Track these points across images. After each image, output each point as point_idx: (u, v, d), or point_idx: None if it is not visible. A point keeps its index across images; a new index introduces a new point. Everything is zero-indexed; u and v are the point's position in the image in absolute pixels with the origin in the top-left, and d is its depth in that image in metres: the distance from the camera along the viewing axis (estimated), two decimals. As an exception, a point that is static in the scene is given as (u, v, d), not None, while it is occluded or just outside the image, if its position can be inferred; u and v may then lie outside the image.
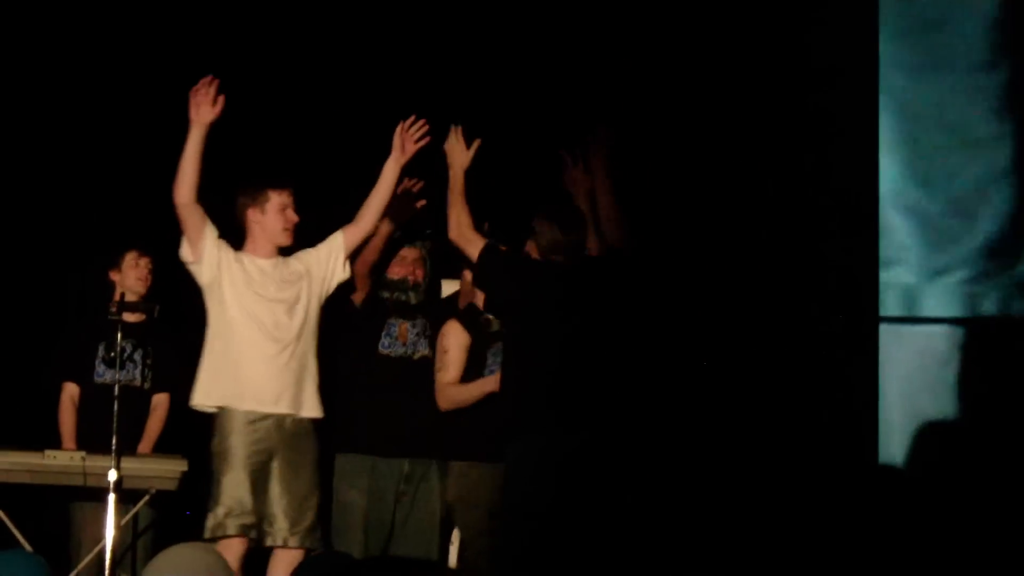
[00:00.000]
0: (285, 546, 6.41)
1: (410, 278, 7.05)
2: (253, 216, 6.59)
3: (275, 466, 6.42)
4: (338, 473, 6.95)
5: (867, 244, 8.07)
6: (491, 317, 6.82)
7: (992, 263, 7.88)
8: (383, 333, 7.01)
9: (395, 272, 7.05)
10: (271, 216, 6.57)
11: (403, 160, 6.68)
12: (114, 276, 7.37)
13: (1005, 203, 7.87)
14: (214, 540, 6.29)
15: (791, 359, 7.95)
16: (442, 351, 6.84)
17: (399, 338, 7.01)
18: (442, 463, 6.94)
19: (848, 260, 8.07)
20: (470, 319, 6.86)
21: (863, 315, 8.04)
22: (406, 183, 6.97)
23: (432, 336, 7.03)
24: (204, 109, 6.47)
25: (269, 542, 6.44)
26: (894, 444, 7.89)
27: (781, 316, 7.95)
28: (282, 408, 6.45)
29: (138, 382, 7.27)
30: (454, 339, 6.80)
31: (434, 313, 7.10)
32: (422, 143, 6.70)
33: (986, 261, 7.88)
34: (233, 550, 6.22)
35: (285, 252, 6.66)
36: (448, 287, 7.36)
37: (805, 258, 8.06)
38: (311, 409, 6.54)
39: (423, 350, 7.03)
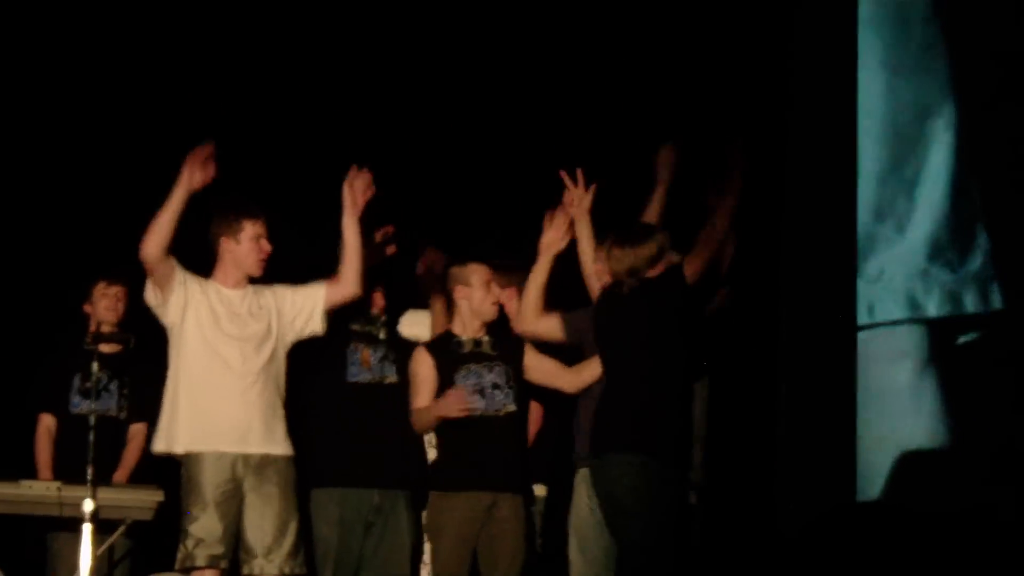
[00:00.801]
0: (263, 574, 6.41)
1: (374, 309, 7.05)
2: (226, 245, 6.58)
3: (247, 496, 6.43)
4: (313, 508, 6.92)
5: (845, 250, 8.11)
6: (463, 340, 6.82)
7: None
8: (348, 362, 6.97)
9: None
10: (245, 246, 6.57)
11: (357, 214, 6.65)
12: (87, 309, 7.39)
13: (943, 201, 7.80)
14: (185, 572, 6.31)
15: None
16: (412, 377, 6.83)
17: (363, 364, 7.00)
18: (410, 493, 6.95)
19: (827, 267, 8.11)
20: (439, 345, 6.85)
21: (841, 322, 8.04)
22: (378, 234, 7.00)
23: (397, 360, 7.05)
24: (197, 175, 6.43)
25: (246, 571, 6.46)
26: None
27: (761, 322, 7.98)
28: (251, 448, 6.45)
29: (114, 412, 7.28)
30: (422, 365, 6.80)
31: (394, 338, 7.11)
32: (370, 194, 6.68)
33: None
34: None
35: (255, 280, 6.67)
36: (413, 317, 7.35)
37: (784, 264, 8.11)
38: (280, 446, 6.53)
39: (391, 376, 7.01)
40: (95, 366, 6.59)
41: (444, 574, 6.62)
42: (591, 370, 6.69)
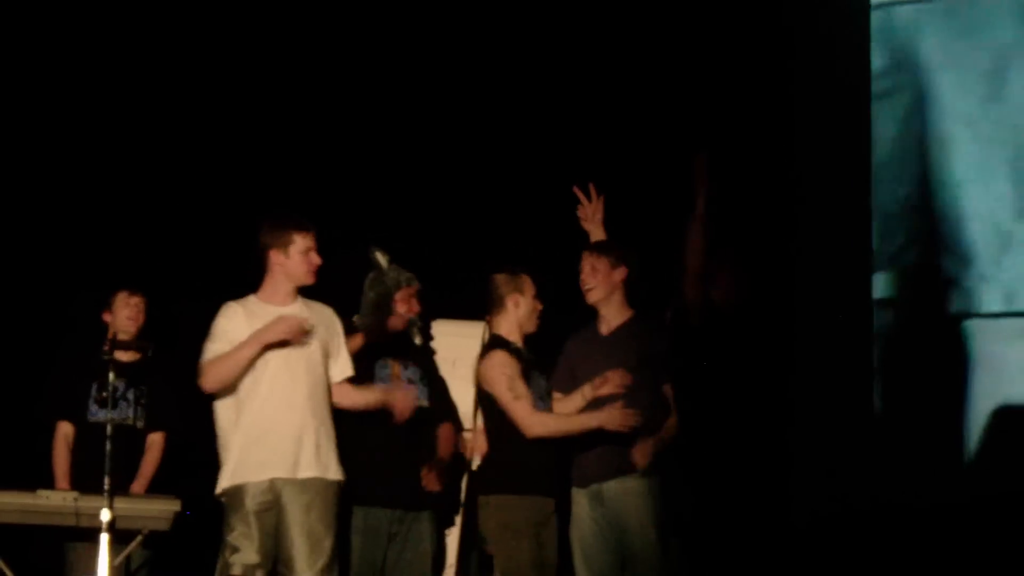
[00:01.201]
0: None
1: (410, 313, 6.99)
2: (276, 258, 6.54)
3: (287, 508, 6.37)
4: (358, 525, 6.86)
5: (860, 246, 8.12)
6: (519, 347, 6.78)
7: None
8: (376, 378, 6.90)
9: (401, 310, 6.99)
10: (295, 259, 6.53)
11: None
12: (107, 317, 7.37)
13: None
14: None
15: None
16: (510, 381, 6.69)
17: (394, 380, 6.94)
18: (432, 511, 6.92)
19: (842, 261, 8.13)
20: (507, 347, 6.79)
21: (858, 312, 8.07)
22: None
23: (429, 381, 6.99)
24: (284, 337, 6.38)
25: None
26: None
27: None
28: (304, 473, 6.39)
29: (131, 421, 7.25)
30: (509, 367, 6.70)
31: (427, 346, 7.06)
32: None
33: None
34: None
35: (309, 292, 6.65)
36: (440, 327, 7.31)
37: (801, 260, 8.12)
38: (333, 472, 6.48)
39: (423, 399, 6.95)
40: (112, 375, 6.56)
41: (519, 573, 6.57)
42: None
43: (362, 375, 6.82)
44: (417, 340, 7.03)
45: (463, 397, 7.11)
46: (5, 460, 7.48)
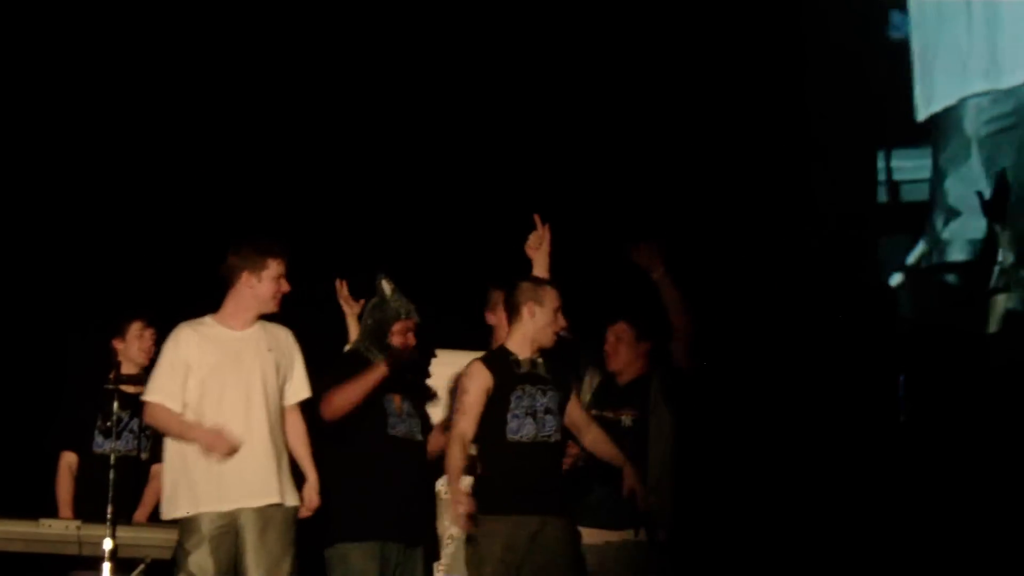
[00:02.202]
0: None
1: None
2: (248, 281, 6.49)
3: (244, 532, 6.35)
4: (338, 562, 6.78)
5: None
6: (520, 359, 6.66)
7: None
8: (387, 412, 6.84)
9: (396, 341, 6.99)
10: (266, 284, 6.49)
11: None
12: (118, 344, 7.36)
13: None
14: None
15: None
16: (461, 391, 6.56)
17: (398, 413, 6.92)
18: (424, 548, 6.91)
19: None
20: (496, 360, 6.62)
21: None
22: (410, 340, 6.94)
23: (422, 416, 7.00)
24: (206, 448, 6.34)
25: None
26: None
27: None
28: (263, 500, 6.38)
29: (135, 452, 7.26)
30: (476, 381, 6.52)
31: (420, 391, 7.09)
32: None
33: None
34: None
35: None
36: (444, 357, 7.31)
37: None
38: (291, 497, 6.46)
39: (417, 434, 6.93)
40: (116, 405, 6.59)
41: None
42: (605, 447, 6.69)
43: (373, 412, 6.83)
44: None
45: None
46: (8, 489, 7.51)
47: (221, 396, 6.37)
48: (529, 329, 6.56)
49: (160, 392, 6.37)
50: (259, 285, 6.49)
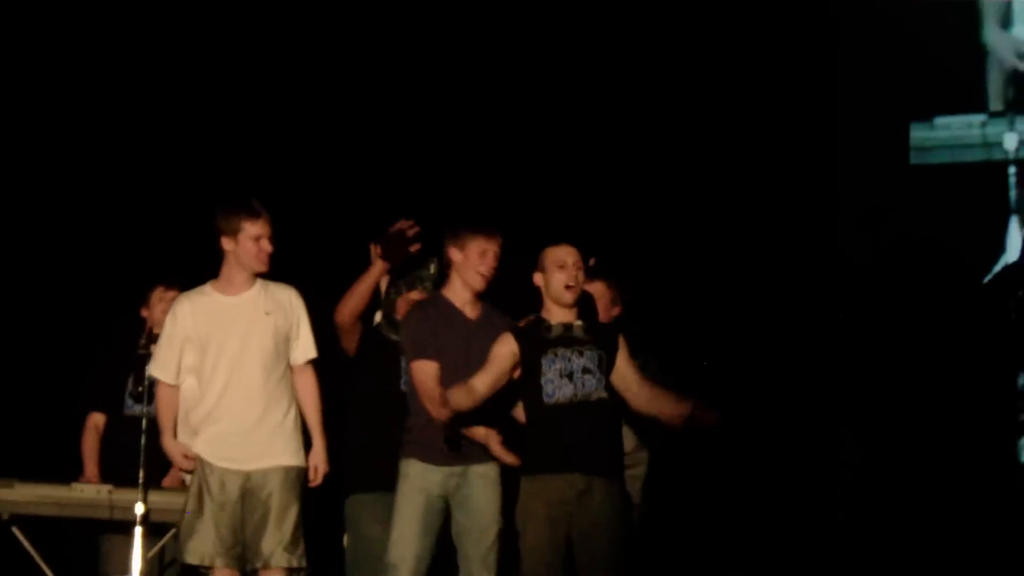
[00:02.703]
0: (266, 567, 6.45)
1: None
2: (227, 245, 6.54)
3: (248, 494, 6.45)
4: (356, 510, 6.92)
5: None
6: (552, 324, 6.65)
7: None
8: (402, 371, 6.85)
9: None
10: (244, 246, 6.51)
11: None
12: (144, 313, 7.38)
13: None
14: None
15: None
16: (490, 355, 6.52)
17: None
18: None
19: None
20: (527, 330, 6.61)
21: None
22: (402, 224, 6.98)
23: None
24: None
25: (250, 566, 6.50)
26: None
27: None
28: (256, 464, 6.48)
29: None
30: (503, 348, 6.50)
31: None
32: None
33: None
34: None
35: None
36: None
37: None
38: (291, 457, 6.54)
39: None
40: (148, 369, 6.60)
41: (536, 560, 6.34)
42: (663, 402, 6.58)
43: (387, 376, 6.91)
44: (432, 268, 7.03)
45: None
46: (40, 453, 7.54)
47: (215, 364, 6.47)
48: (545, 295, 6.55)
49: (157, 366, 6.57)
50: (238, 248, 6.53)
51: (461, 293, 6.69)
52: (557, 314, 6.56)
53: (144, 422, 6.51)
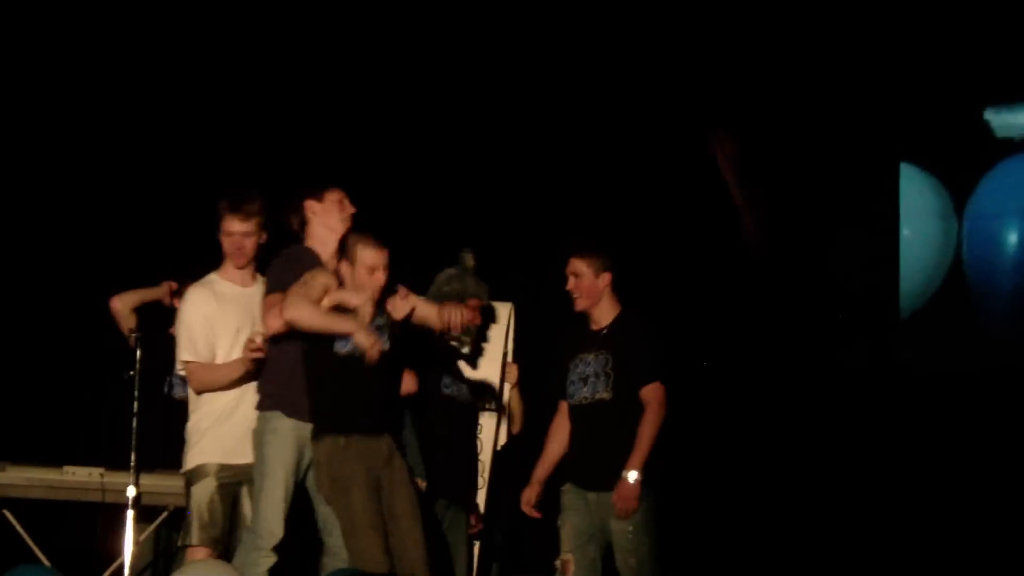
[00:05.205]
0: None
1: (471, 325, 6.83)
2: (221, 240, 6.50)
3: (246, 484, 6.39)
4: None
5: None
6: None
7: None
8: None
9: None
10: (224, 240, 6.48)
11: None
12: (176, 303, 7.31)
13: None
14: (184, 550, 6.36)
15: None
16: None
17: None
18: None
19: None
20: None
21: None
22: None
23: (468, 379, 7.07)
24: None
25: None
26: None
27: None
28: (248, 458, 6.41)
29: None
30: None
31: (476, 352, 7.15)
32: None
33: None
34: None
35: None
36: None
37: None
38: None
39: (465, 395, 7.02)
40: (178, 356, 6.52)
41: None
42: None
43: (436, 371, 6.91)
44: (465, 349, 7.03)
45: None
46: (32, 437, 7.54)
47: (217, 354, 6.43)
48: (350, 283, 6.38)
49: (188, 351, 6.42)
50: (223, 242, 6.52)
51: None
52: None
53: (135, 406, 6.44)
